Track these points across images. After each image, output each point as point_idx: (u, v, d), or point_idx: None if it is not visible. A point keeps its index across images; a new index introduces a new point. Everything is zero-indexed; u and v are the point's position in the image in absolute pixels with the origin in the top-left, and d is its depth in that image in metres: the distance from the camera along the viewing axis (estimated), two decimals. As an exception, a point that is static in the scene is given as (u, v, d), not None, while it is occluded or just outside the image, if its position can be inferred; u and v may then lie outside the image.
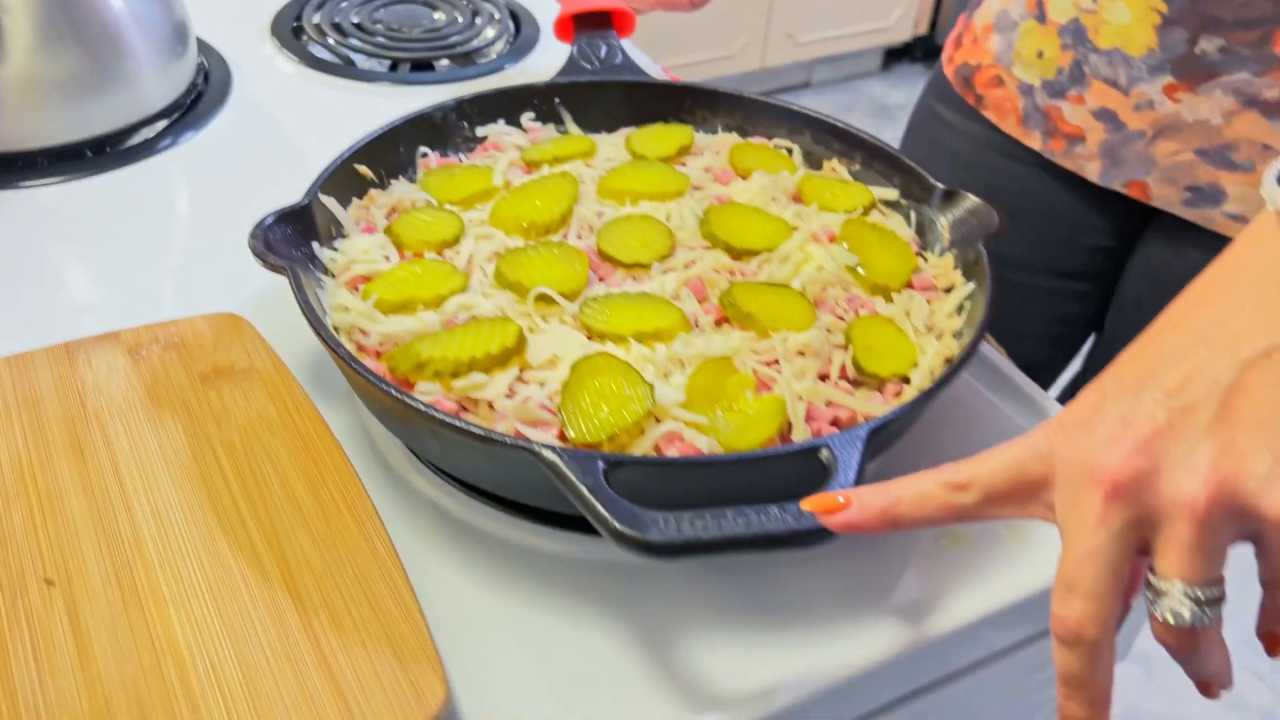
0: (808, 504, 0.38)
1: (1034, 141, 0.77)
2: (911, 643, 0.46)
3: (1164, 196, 0.71)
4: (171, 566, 0.44)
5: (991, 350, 0.62)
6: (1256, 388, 0.34)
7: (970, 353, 0.48)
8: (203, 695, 0.40)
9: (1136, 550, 0.35)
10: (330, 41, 0.88)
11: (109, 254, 0.66)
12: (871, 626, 0.47)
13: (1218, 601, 0.34)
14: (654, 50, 2.72)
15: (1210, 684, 0.37)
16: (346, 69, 0.86)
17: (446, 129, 0.65)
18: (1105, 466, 0.34)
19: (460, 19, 0.92)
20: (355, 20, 0.91)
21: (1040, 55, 0.74)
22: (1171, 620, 0.34)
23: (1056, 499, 0.36)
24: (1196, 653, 0.34)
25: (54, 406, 0.51)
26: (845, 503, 0.38)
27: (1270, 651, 0.38)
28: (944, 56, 0.87)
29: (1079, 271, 0.81)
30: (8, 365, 0.53)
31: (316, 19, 0.91)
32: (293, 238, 0.54)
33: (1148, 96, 0.69)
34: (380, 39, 0.89)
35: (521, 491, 0.47)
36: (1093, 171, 0.74)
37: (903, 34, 2.94)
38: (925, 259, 0.59)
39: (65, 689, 0.40)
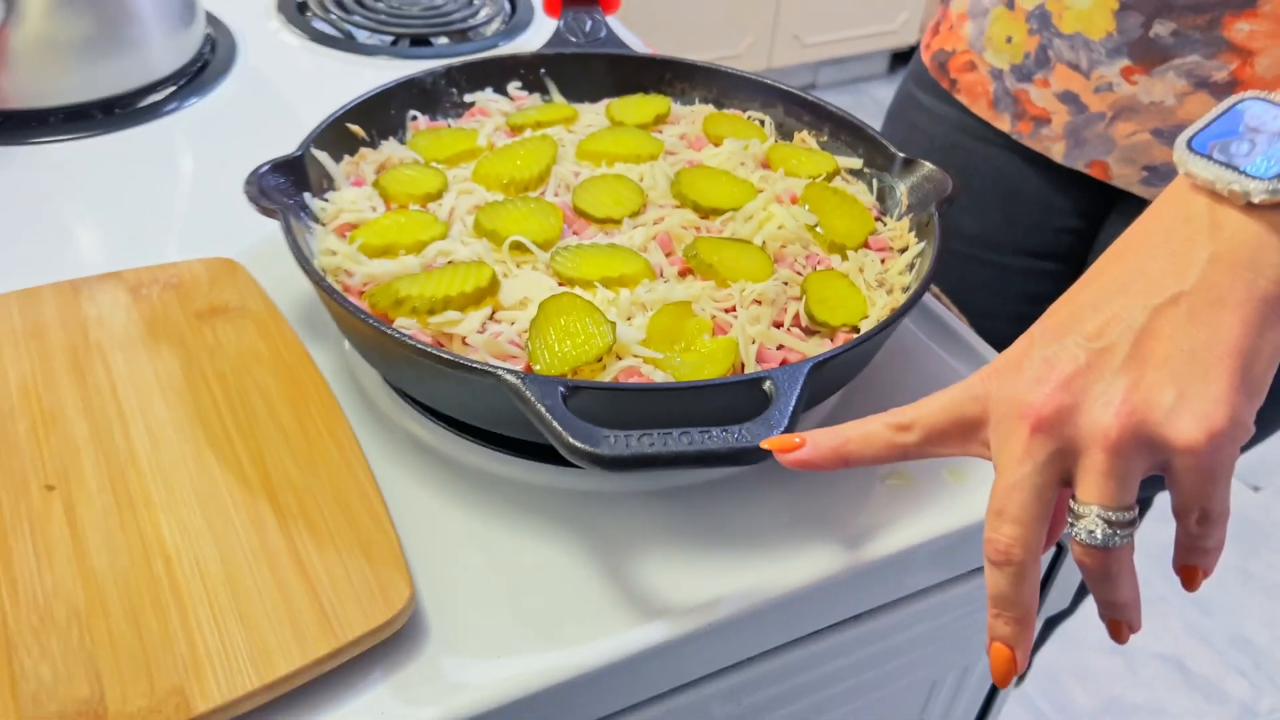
0: (767, 443, 0.42)
1: (1004, 124, 0.80)
2: (848, 566, 0.49)
3: (1123, 176, 0.74)
4: (162, 477, 0.48)
5: (943, 310, 0.66)
6: (1165, 330, 0.37)
7: (912, 302, 0.52)
8: (187, 587, 0.43)
9: (1060, 481, 0.38)
10: (333, 16, 0.92)
11: (115, 207, 0.69)
12: (813, 552, 0.50)
13: (1130, 525, 0.37)
14: (660, 47, 2.74)
15: (1120, 624, 0.40)
16: (348, 43, 0.90)
17: (436, 94, 0.69)
18: (1031, 403, 0.37)
19: (459, -2, 0.96)
20: (358, -3, 0.95)
21: (1009, 40, 0.78)
22: (1086, 539, 0.37)
23: (991, 436, 0.39)
24: (1108, 576, 0.38)
25: (58, 336, 0.55)
26: (800, 443, 0.41)
27: (1187, 585, 0.40)
28: (922, 44, 0.90)
29: (1048, 251, 0.84)
30: (17, 298, 0.57)
31: (321, -5, 0.95)
32: (286, 187, 0.57)
33: (1107, 79, 0.72)
34: (381, 15, 0.93)
35: (489, 419, 0.51)
36: (1058, 152, 0.77)
37: (909, 37, 2.97)
38: (884, 222, 0.63)
39: (62, 580, 0.43)
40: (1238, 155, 0.38)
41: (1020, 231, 0.84)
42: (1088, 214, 0.82)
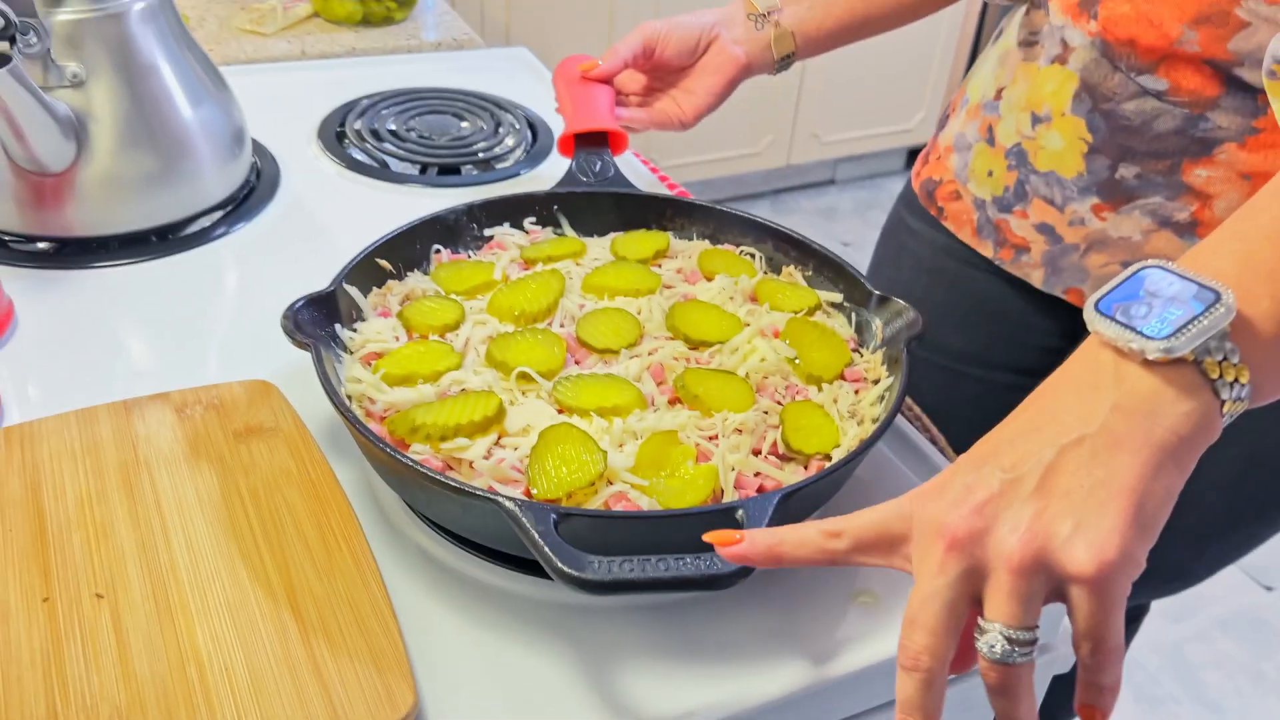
0: (709, 536, 0.47)
1: (987, 250, 0.86)
2: (818, 680, 0.54)
3: None
4: (198, 587, 0.53)
5: (915, 432, 0.71)
6: (1069, 467, 0.42)
7: (878, 434, 0.57)
8: (217, 692, 0.49)
9: (971, 597, 0.43)
10: (368, 146, 1.00)
11: (165, 326, 0.77)
12: (786, 666, 0.54)
13: (1030, 644, 0.41)
14: (684, 147, 2.86)
15: None
16: (381, 171, 0.98)
17: (458, 229, 0.76)
18: (947, 524, 0.42)
19: (484, 129, 1.04)
20: (391, 128, 1.03)
21: (990, 174, 0.84)
22: (988, 654, 0.41)
23: (913, 551, 0.44)
24: (1008, 691, 0.42)
25: (111, 453, 0.61)
26: (740, 539, 0.46)
27: None
28: (913, 171, 0.97)
29: (1029, 368, 0.89)
30: (76, 417, 0.63)
31: (358, 125, 1.03)
32: (319, 319, 0.64)
33: (1079, 214, 0.78)
34: (413, 145, 1.01)
35: (490, 538, 0.56)
36: (1037, 279, 0.82)
37: (924, 135, 3.06)
38: (861, 354, 0.68)
39: (107, 682, 0.49)
40: (1136, 317, 0.43)
41: (1003, 349, 0.90)
42: (1068, 334, 0.87)
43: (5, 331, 0.73)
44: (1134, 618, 1.15)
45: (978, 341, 0.91)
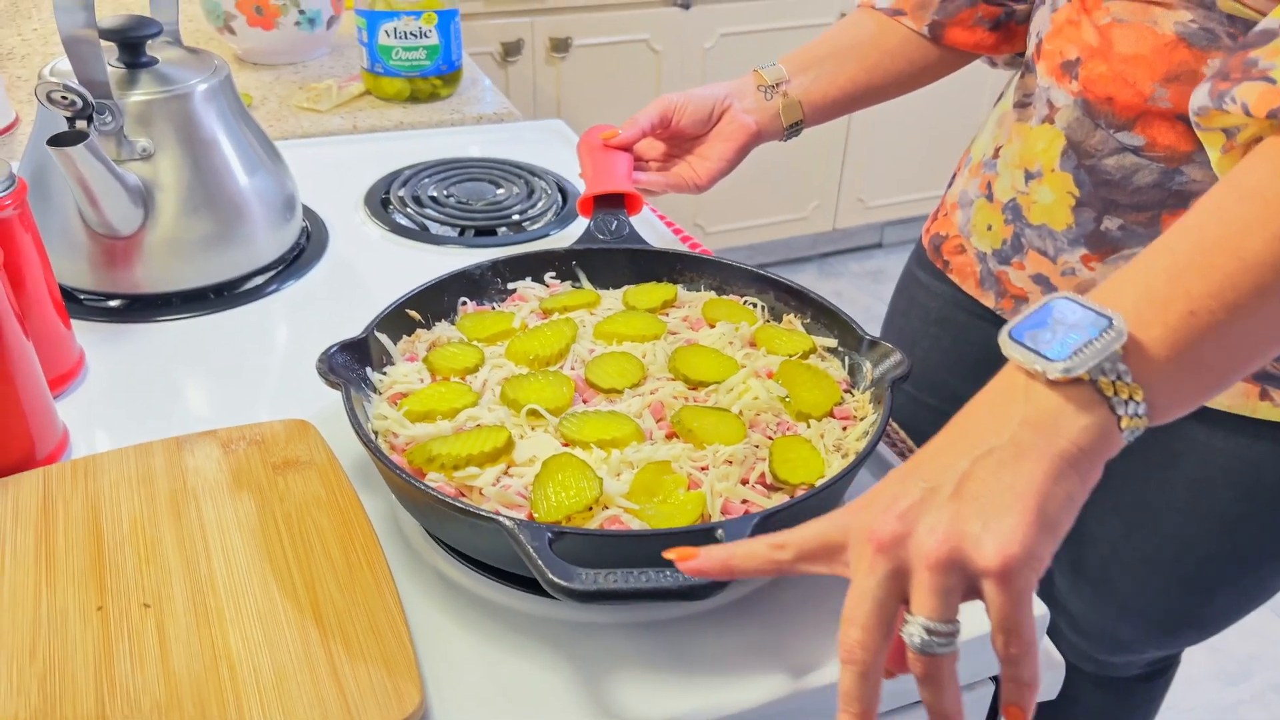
0: (669, 553, 0.51)
1: (989, 301, 0.90)
2: (796, 691, 0.58)
3: None
4: (233, 598, 0.59)
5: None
6: (980, 475, 0.46)
7: (855, 466, 0.61)
8: (245, 689, 0.54)
9: (899, 596, 0.47)
10: (410, 211, 1.08)
11: (220, 374, 0.84)
12: (767, 678, 0.58)
13: (948, 635, 0.45)
14: (733, 212, 2.93)
15: None
16: (422, 234, 1.06)
17: (484, 283, 0.82)
18: (875, 529, 0.47)
19: (518, 193, 1.12)
20: (432, 194, 1.11)
21: (990, 228, 0.89)
22: (910, 644, 0.45)
23: (849, 557, 0.48)
24: (932, 680, 0.46)
25: (163, 483, 0.68)
26: (695, 554, 0.51)
27: None
28: (924, 228, 1.02)
29: None
30: (134, 452, 0.70)
31: (401, 192, 1.12)
32: (351, 363, 0.70)
33: (1070, 264, 0.82)
34: (451, 210, 1.08)
35: (496, 557, 0.61)
36: None
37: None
38: (852, 394, 0.73)
39: (150, 679, 0.55)
40: (1042, 342, 0.48)
41: None
42: None
43: (76, 378, 0.81)
44: (1162, 671, 1.15)
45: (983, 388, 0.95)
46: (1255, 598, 0.93)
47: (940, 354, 0.99)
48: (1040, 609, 0.62)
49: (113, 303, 0.91)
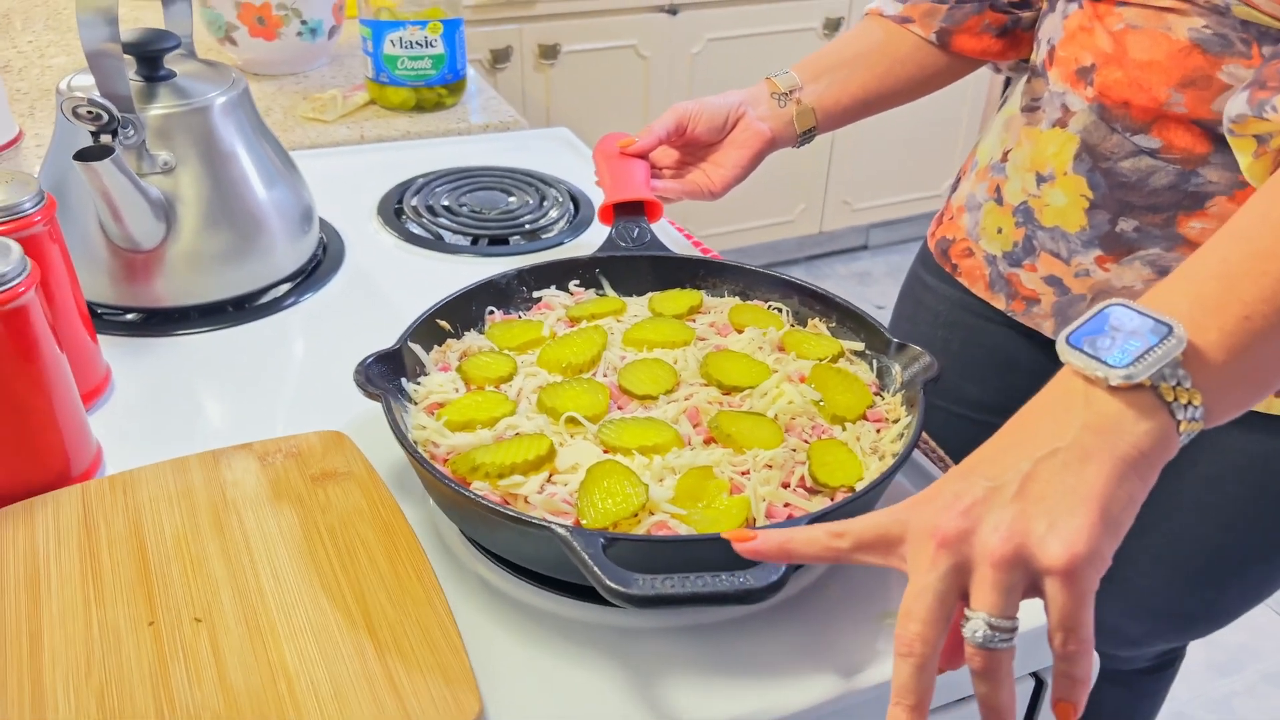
0: (727, 534, 0.52)
1: (999, 303, 0.91)
2: (845, 693, 0.59)
3: None
4: (285, 612, 0.60)
5: (937, 470, 0.76)
6: (1044, 475, 0.48)
7: (896, 467, 0.62)
8: (305, 703, 0.54)
9: (959, 591, 0.48)
10: (424, 221, 1.09)
11: (243, 386, 0.84)
12: (815, 680, 0.59)
13: (1010, 631, 0.46)
14: (721, 216, 2.95)
15: None
16: (436, 243, 1.06)
17: (509, 292, 0.83)
18: (938, 525, 0.48)
19: (530, 202, 1.12)
20: (445, 203, 1.12)
21: (1000, 231, 0.90)
22: (972, 639, 0.46)
23: (907, 551, 0.49)
24: (990, 674, 0.47)
25: (203, 496, 0.68)
26: (754, 537, 0.52)
27: None
28: (928, 232, 1.03)
29: None
30: (170, 466, 0.70)
31: (414, 202, 1.12)
32: (386, 373, 0.71)
33: (1084, 266, 0.83)
34: (465, 219, 1.09)
35: (544, 565, 0.62)
36: (1048, 329, 0.88)
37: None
38: (882, 397, 0.74)
39: (208, 695, 0.55)
40: (1102, 348, 0.49)
41: (1018, 398, 0.94)
42: None
43: (104, 393, 0.81)
44: (1169, 663, 1.17)
45: (993, 391, 0.96)
46: (1263, 592, 0.94)
47: (949, 357, 1.00)
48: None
49: (129, 316, 0.91)
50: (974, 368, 0.97)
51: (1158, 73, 0.74)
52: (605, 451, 0.66)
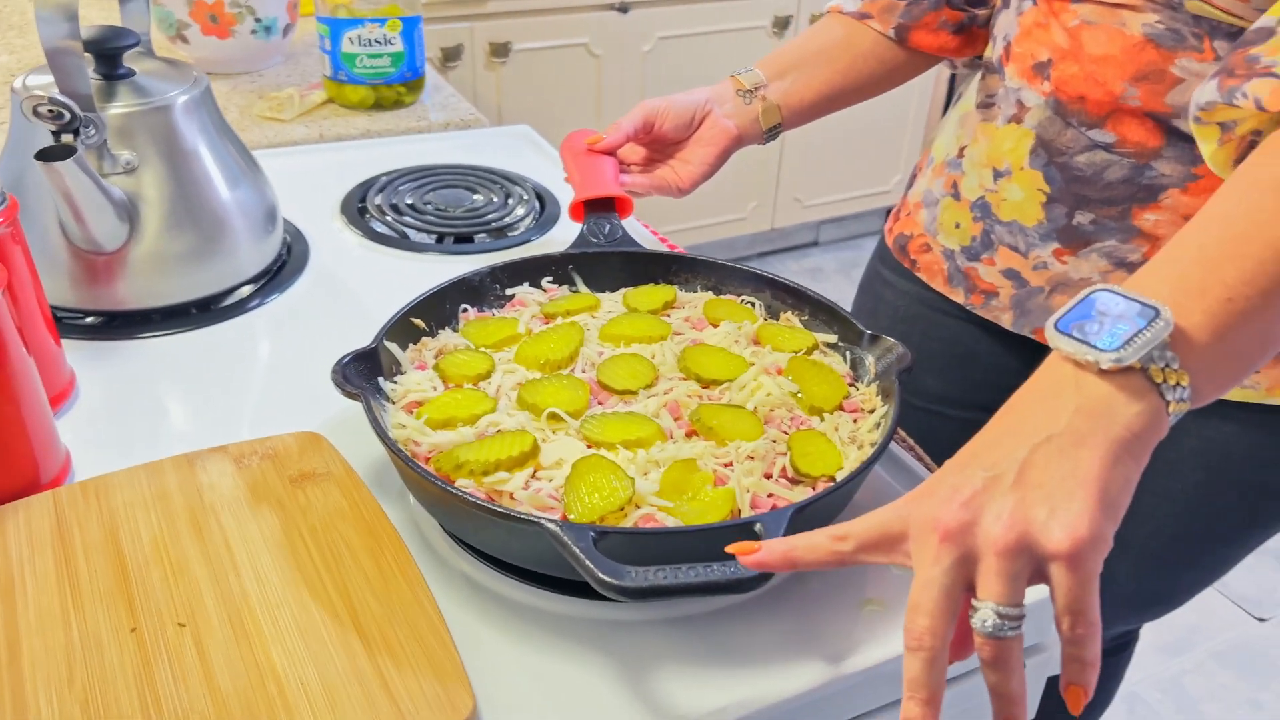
0: (731, 548, 0.53)
1: (958, 297, 0.93)
2: (833, 679, 0.59)
3: None
4: (270, 613, 0.59)
5: (911, 459, 0.77)
6: (1040, 462, 0.49)
7: (876, 455, 0.63)
8: (296, 703, 0.54)
9: (965, 583, 0.49)
10: (389, 219, 1.08)
11: (209, 389, 0.83)
12: (804, 667, 0.60)
13: (1018, 619, 0.47)
14: (675, 214, 2.96)
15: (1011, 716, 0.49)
16: (401, 241, 1.05)
17: (483, 289, 0.83)
18: (940, 518, 0.49)
19: (496, 200, 1.12)
20: (409, 201, 1.11)
21: (957, 226, 0.92)
22: (982, 628, 0.47)
23: (911, 546, 0.50)
24: (1001, 663, 0.48)
25: (179, 500, 0.67)
26: (758, 548, 0.52)
27: (1072, 708, 0.49)
28: (886, 228, 1.05)
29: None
30: (144, 470, 0.69)
31: (378, 200, 1.11)
32: (363, 373, 0.70)
33: (1042, 259, 0.85)
34: (430, 217, 1.08)
35: (532, 560, 0.62)
36: (1007, 321, 0.90)
37: (900, 197, 3.17)
38: (856, 388, 0.75)
39: (196, 698, 0.54)
40: (1090, 333, 0.50)
41: (976, 391, 0.97)
42: None
43: (69, 398, 0.79)
44: (1125, 645, 1.20)
45: (953, 384, 0.98)
46: (1217, 572, 0.98)
47: (909, 350, 1.02)
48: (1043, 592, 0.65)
49: (90, 319, 0.89)
50: (933, 361, 0.99)
51: (1113, 67, 0.76)
52: (589, 446, 0.66)
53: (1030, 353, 0.92)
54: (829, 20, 1.00)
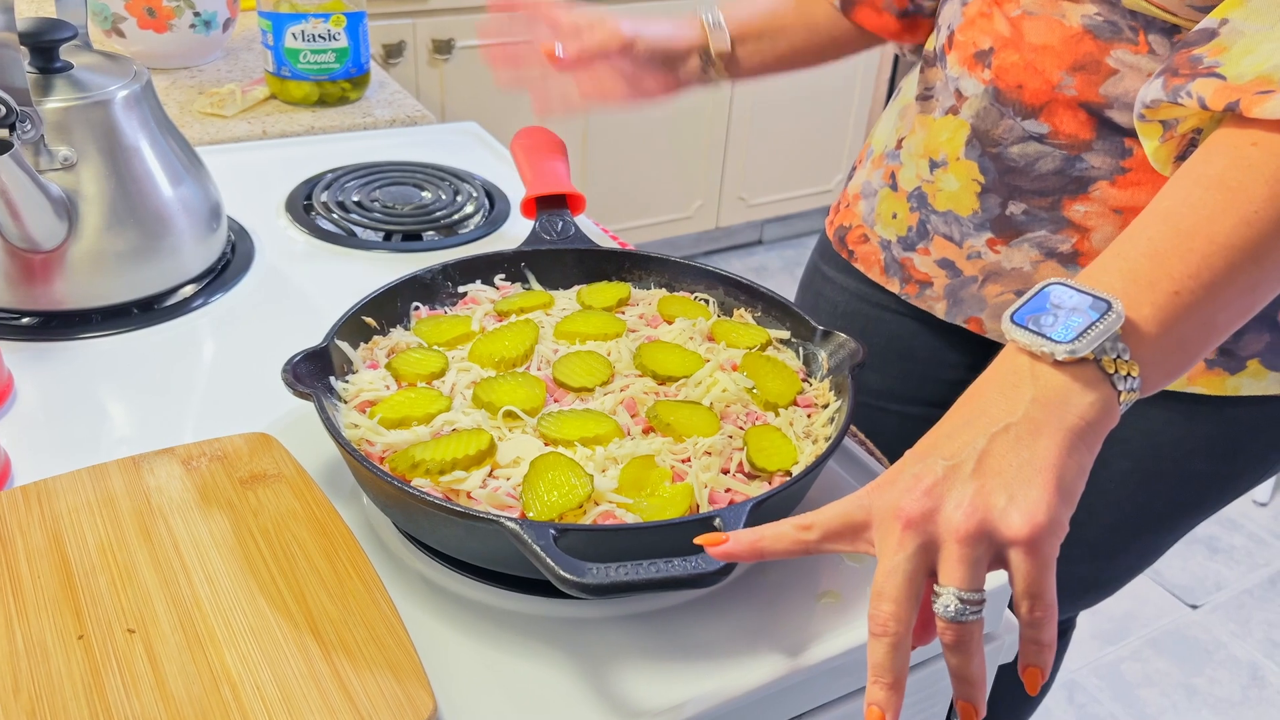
0: (699, 540, 0.53)
1: (894, 287, 0.94)
2: (792, 671, 0.60)
3: (995, 330, 0.88)
4: (223, 617, 0.58)
5: (864, 453, 0.78)
6: (999, 450, 0.50)
7: (831, 450, 0.64)
8: (251, 708, 0.53)
9: (927, 569, 0.49)
10: (335, 217, 1.06)
11: (151, 391, 0.81)
12: (763, 660, 0.60)
13: (978, 604, 0.48)
14: (621, 212, 2.96)
15: (970, 707, 0.50)
16: (348, 239, 1.04)
17: (435, 287, 0.82)
18: (902, 507, 0.49)
19: (444, 197, 1.11)
20: (356, 199, 1.09)
21: (894, 216, 0.93)
22: (943, 613, 0.48)
23: (874, 535, 0.51)
24: (962, 647, 0.49)
25: (126, 503, 0.65)
26: (725, 539, 0.53)
27: (1029, 688, 0.51)
28: (826, 221, 1.06)
29: (942, 401, 0.97)
30: (89, 474, 0.68)
31: (324, 198, 1.09)
32: (314, 372, 0.69)
33: (976, 249, 0.87)
34: (377, 214, 1.07)
35: (491, 559, 0.61)
36: (940, 310, 0.91)
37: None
38: (810, 383, 0.76)
39: (148, 705, 0.53)
40: (1045, 325, 0.52)
41: (915, 384, 0.98)
42: (971, 366, 0.95)
43: (6, 401, 0.77)
44: (1063, 632, 1.23)
45: (893, 378, 1.00)
46: (1149, 559, 1.00)
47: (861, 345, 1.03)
48: (1004, 578, 0.66)
49: (26, 320, 0.87)
50: (873, 356, 1.00)
51: (1051, 56, 0.78)
52: (546, 444, 0.66)
53: (966, 345, 0.94)
54: None
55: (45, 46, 0.83)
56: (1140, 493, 0.91)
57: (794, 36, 0.98)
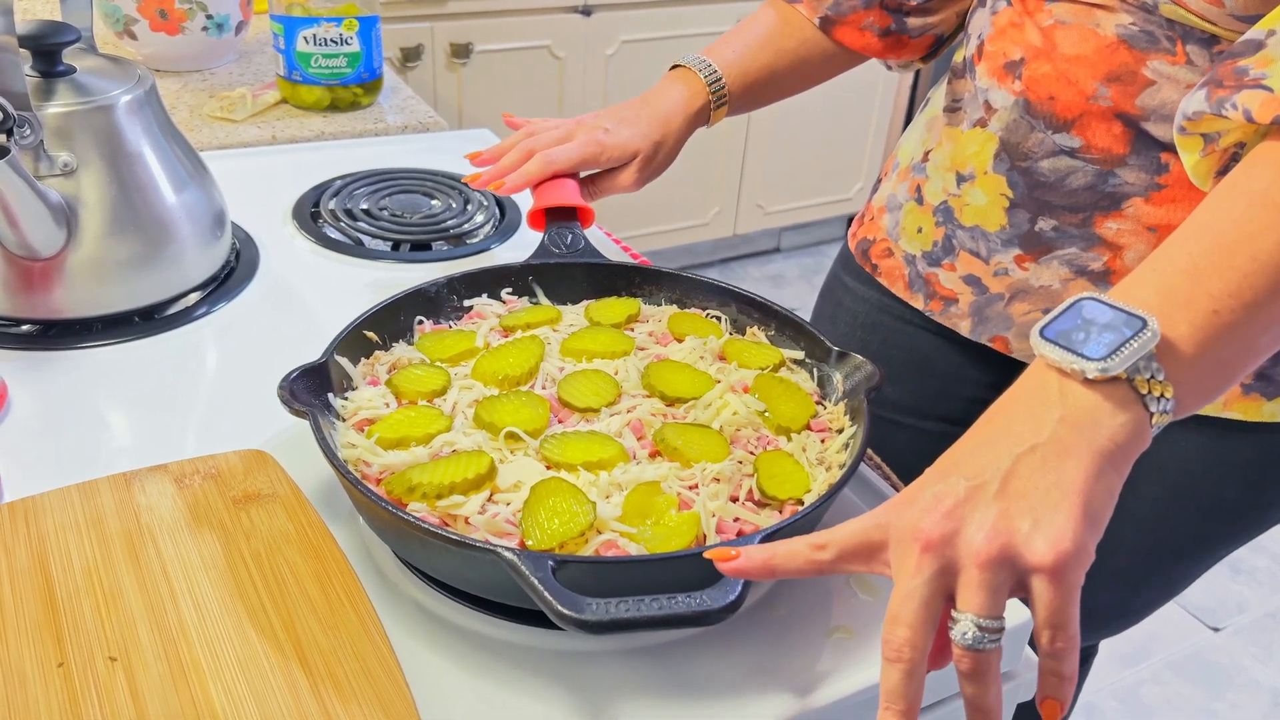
0: (709, 554, 0.51)
1: (918, 303, 0.92)
2: (797, 713, 0.57)
3: (1021, 349, 0.85)
4: (209, 646, 0.56)
5: (878, 478, 0.75)
6: (1024, 472, 0.47)
7: (845, 479, 0.62)
8: (234, 744, 0.51)
9: (945, 594, 0.47)
10: (343, 225, 1.04)
11: (152, 403, 0.79)
12: (769, 700, 0.58)
13: (997, 631, 0.46)
14: (638, 219, 2.94)
15: None
16: (356, 248, 1.02)
17: (439, 301, 0.80)
18: (922, 528, 0.47)
19: (454, 206, 1.09)
20: (364, 207, 1.07)
21: (920, 231, 0.90)
22: (961, 640, 0.46)
23: (891, 556, 0.48)
24: (979, 675, 0.46)
25: (115, 523, 0.63)
26: (737, 555, 0.50)
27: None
28: (849, 233, 1.03)
29: (960, 418, 0.94)
30: (78, 491, 0.66)
31: (332, 205, 1.07)
32: (312, 388, 0.67)
33: (1003, 265, 0.84)
34: (385, 223, 1.05)
35: (488, 589, 0.59)
36: (965, 328, 0.88)
37: (863, 203, 3.17)
38: (824, 406, 0.73)
39: (126, 739, 0.51)
40: (1076, 342, 0.49)
41: (933, 400, 0.95)
42: (993, 384, 0.93)
43: (1, 411, 0.75)
44: (1084, 659, 1.20)
45: (910, 392, 0.97)
46: (1176, 589, 0.97)
47: (868, 358, 1.01)
48: (1025, 615, 0.63)
49: (25, 328, 0.85)
50: (891, 369, 0.97)
51: (1085, 67, 0.75)
52: (548, 468, 0.63)
53: (989, 363, 0.91)
54: (765, 10, 0.99)
55: (47, 50, 0.82)
56: (1169, 520, 0.88)
57: (787, 79, 0.96)
